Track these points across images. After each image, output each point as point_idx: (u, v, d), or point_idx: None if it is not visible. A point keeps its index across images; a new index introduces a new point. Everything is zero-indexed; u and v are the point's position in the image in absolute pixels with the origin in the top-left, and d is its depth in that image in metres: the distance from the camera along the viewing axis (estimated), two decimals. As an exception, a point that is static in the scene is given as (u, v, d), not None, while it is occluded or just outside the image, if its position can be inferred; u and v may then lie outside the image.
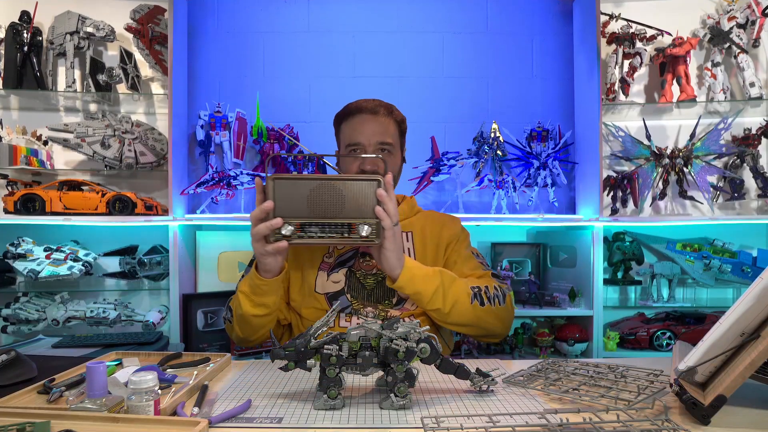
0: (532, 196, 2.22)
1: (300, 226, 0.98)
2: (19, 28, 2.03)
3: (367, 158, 1.27)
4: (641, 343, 2.06)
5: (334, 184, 0.98)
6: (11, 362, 0.89)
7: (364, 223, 0.99)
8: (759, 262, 2.09)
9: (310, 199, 0.98)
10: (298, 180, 0.99)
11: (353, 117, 1.34)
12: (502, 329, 1.24)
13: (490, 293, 1.20)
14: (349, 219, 0.99)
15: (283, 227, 0.97)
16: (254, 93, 2.30)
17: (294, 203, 0.98)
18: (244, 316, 1.15)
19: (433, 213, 1.46)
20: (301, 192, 0.98)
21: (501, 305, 1.20)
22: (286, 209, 0.98)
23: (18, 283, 2.05)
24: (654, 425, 0.65)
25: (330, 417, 0.72)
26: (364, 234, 0.99)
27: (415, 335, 0.77)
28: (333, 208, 0.98)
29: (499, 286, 1.23)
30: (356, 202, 1.00)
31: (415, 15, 2.39)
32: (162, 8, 2.14)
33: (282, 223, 0.98)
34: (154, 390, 0.69)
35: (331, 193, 0.98)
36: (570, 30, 2.38)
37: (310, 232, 0.98)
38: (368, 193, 1.00)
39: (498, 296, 1.21)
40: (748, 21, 2.12)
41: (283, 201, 0.97)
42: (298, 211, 0.98)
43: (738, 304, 0.71)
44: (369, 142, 1.30)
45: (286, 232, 0.97)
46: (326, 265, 1.29)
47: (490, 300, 1.18)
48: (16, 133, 2.06)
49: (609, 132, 2.26)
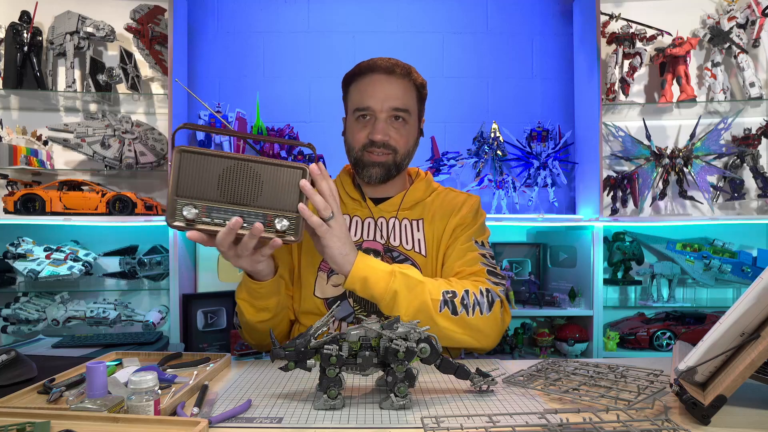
0: (532, 196, 2.22)
1: (206, 210, 0.85)
2: (19, 28, 2.03)
3: (379, 126, 1.10)
4: (641, 343, 2.06)
5: (250, 166, 0.86)
6: (11, 362, 0.89)
7: (281, 216, 0.87)
8: (759, 262, 2.10)
9: (222, 181, 0.85)
10: (210, 156, 0.85)
11: (364, 77, 1.16)
12: (480, 342, 1.03)
13: (469, 300, 1.01)
14: (264, 209, 0.87)
15: (184, 208, 0.84)
16: (254, 93, 2.30)
17: (203, 183, 0.84)
18: (249, 324, 1.06)
19: (451, 193, 1.25)
20: (211, 171, 0.85)
21: (483, 314, 1.02)
22: (192, 189, 0.84)
23: (18, 283, 2.05)
24: (654, 425, 0.65)
25: (330, 417, 0.72)
26: (279, 228, 0.87)
27: (415, 335, 0.77)
28: (248, 194, 0.86)
29: (489, 290, 1.05)
30: (276, 191, 0.87)
31: (415, 15, 2.39)
32: (162, 8, 2.15)
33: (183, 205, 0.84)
34: (154, 390, 0.69)
35: (248, 177, 0.86)
36: (570, 30, 2.38)
37: (217, 218, 0.85)
38: (291, 183, 0.88)
39: (481, 303, 1.02)
40: (748, 21, 2.12)
41: (191, 179, 0.84)
42: (206, 193, 0.85)
43: (738, 304, 0.71)
44: (381, 107, 1.12)
45: (188, 215, 0.84)
46: (326, 265, 1.15)
47: (467, 308, 1.00)
48: (16, 133, 2.06)
49: (609, 132, 2.26)
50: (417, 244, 1.16)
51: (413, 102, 1.17)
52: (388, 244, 1.16)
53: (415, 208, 1.20)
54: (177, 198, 0.84)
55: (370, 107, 1.13)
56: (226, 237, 0.86)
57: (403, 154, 1.17)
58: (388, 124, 1.15)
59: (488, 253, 1.15)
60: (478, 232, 1.18)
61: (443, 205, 1.21)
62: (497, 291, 1.07)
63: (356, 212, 1.20)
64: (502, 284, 1.11)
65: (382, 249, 1.16)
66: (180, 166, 0.84)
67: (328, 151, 2.26)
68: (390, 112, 1.13)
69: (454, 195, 1.24)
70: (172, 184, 0.84)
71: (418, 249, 1.16)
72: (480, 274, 1.10)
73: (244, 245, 0.88)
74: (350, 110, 1.19)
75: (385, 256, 1.15)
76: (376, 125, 1.14)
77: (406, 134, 1.17)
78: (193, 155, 0.84)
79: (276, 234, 0.87)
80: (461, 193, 1.25)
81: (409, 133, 1.18)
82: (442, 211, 1.19)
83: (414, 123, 1.19)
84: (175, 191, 0.84)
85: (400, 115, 1.14)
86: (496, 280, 1.10)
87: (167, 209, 0.85)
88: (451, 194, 1.24)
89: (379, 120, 1.13)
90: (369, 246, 1.16)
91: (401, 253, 1.16)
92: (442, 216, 1.19)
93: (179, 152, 0.84)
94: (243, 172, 0.86)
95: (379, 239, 1.17)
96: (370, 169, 1.16)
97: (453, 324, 0.99)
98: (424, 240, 1.17)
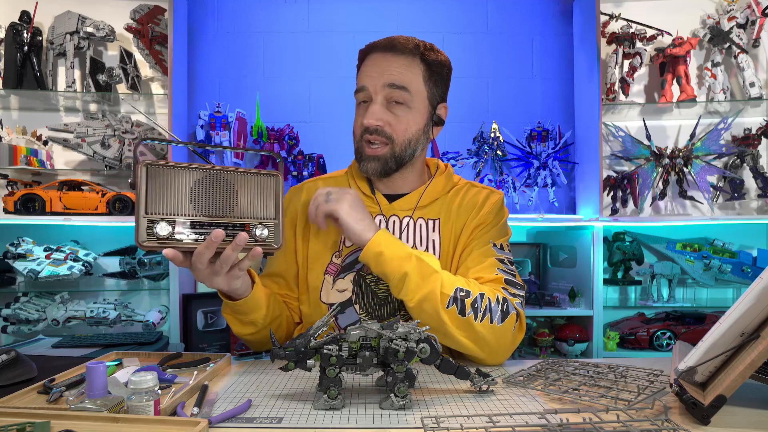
0: (532, 196, 2.22)
1: (180, 225, 0.80)
2: (19, 28, 2.03)
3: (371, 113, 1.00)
4: (641, 343, 2.06)
5: (222, 175, 0.82)
6: (11, 362, 0.89)
7: (259, 224, 0.85)
8: (759, 262, 2.10)
9: (194, 194, 0.81)
10: (178, 168, 0.80)
11: (366, 58, 1.06)
12: (484, 353, 0.95)
13: (482, 304, 0.93)
14: (241, 218, 0.84)
15: (157, 226, 0.78)
16: (254, 93, 2.30)
17: (173, 197, 0.80)
18: (240, 335, 1.03)
19: (472, 189, 1.13)
20: (182, 183, 0.80)
21: (494, 323, 0.93)
22: (162, 204, 0.79)
23: (18, 283, 2.05)
24: (654, 425, 0.65)
25: (330, 417, 0.72)
26: (259, 237, 0.84)
27: (415, 335, 0.77)
28: (223, 206, 0.83)
29: (507, 300, 0.96)
30: (251, 199, 0.84)
31: (415, 15, 2.39)
32: (162, 8, 2.15)
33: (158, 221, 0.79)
34: (154, 390, 0.69)
35: (221, 187, 0.82)
36: (570, 30, 2.38)
37: (193, 234, 0.81)
38: (266, 189, 0.85)
39: (493, 311, 0.94)
40: (748, 21, 2.12)
41: (160, 194, 0.79)
42: (178, 207, 0.80)
43: (738, 304, 0.71)
44: (375, 86, 1.01)
45: (161, 232, 0.78)
46: (333, 268, 1.07)
47: (476, 312, 0.92)
48: (16, 133, 2.06)
49: (609, 132, 2.26)
50: (431, 245, 1.07)
51: (417, 80, 1.03)
52: None
53: (432, 206, 1.10)
54: (146, 215, 0.78)
55: (365, 86, 1.02)
56: (205, 252, 0.80)
57: (402, 143, 1.04)
58: (384, 108, 1.02)
59: (507, 258, 1.05)
60: (498, 234, 1.08)
61: (463, 203, 1.10)
62: (514, 303, 0.98)
63: (368, 209, 1.08)
64: (520, 296, 1.01)
65: None
66: (147, 181, 0.78)
67: (328, 151, 2.27)
68: (386, 92, 1.01)
69: (476, 191, 1.12)
70: (139, 202, 0.78)
71: (432, 251, 1.07)
72: (498, 282, 1.00)
73: (225, 259, 0.83)
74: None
75: None
76: (369, 108, 1.02)
77: (407, 120, 1.03)
78: (160, 169, 0.79)
79: (256, 243, 0.84)
80: (484, 189, 1.14)
81: (412, 119, 1.04)
82: (462, 209, 1.09)
83: (420, 107, 1.05)
84: (144, 209, 0.78)
85: (398, 96, 1.01)
86: (515, 291, 1.01)
87: (136, 229, 0.78)
88: (473, 190, 1.13)
89: (374, 102, 1.02)
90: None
91: None
92: (461, 214, 1.09)
93: (145, 167, 0.78)
94: (215, 183, 0.82)
95: None
96: (366, 164, 1.06)
97: (458, 325, 0.93)
98: (439, 241, 1.07)
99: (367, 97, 1.04)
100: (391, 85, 1.01)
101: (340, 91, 2.33)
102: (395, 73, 1.01)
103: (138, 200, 0.78)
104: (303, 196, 1.15)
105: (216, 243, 0.80)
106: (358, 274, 1.06)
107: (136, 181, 0.78)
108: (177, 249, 0.80)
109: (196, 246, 0.81)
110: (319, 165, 2.23)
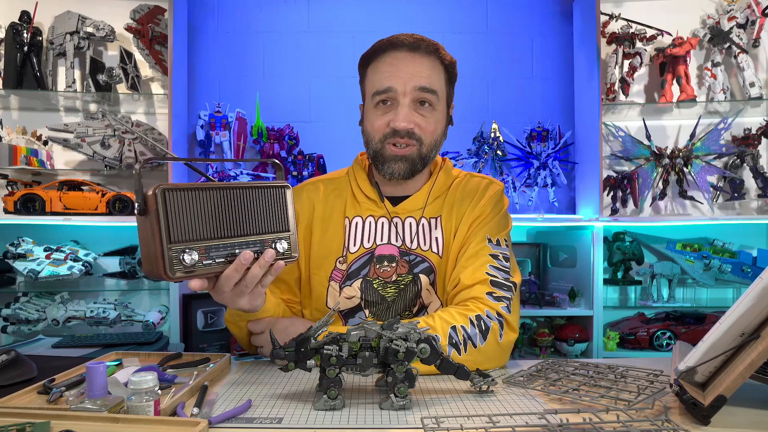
0: (532, 196, 2.22)
1: (205, 251, 0.74)
2: (19, 28, 2.03)
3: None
4: (641, 343, 2.06)
5: (237, 193, 0.78)
6: (11, 362, 0.89)
7: (278, 238, 0.82)
8: (759, 262, 2.10)
9: (214, 214, 0.76)
10: (196, 190, 0.74)
11: (384, 55, 1.01)
12: (485, 366, 0.93)
13: (458, 336, 0.90)
14: (262, 236, 0.81)
15: (183, 254, 0.72)
16: (254, 93, 2.30)
17: (194, 221, 0.74)
18: (243, 341, 1.04)
19: (472, 180, 1.11)
20: (200, 205, 0.75)
21: (478, 346, 0.91)
22: (184, 231, 0.73)
23: (18, 283, 2.05)
24: (654, 425, 0.65)
25: (330, 417, 0.72)
26: (281, 250, 0.82)
27: (415, 335, 0.77)
28: (242, 224, 0.79)
29: (480, 316, 0.93)
30: (267, 213, 0.81)
31: (415, 15, 2.39)
32: (162, 8, 2.15)
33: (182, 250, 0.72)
34: (154, 390, 0.69)
35: (237, 205, 0.78)
36: (570, 30, 2.38)
37: (219, 257, 0.76)
38: (278, 202, 0.83)
39: (473, 335, 0.91)
40: (748, 21, 2.12)
41: (180, 219, 0.72)
42: (200, 231, 0.74)
43: (738, 304, 0.71)
44: (404, 88, 0.98)
45: (189, 261, 0.72)
46: (338, 274, 1.07)
47: (457, 347, 0.91)
48: (16, 133, 2.06)
49: (609, 132, 2.26)
50: (434, 242, 1.06)
51: (441, 83, 1.03)
52: (404, 247, 1.07)
53: (434, 203, 1.09)
54: (171, 245, 0.71)
55: (392, 88, 0.99)
56: (233, 275, 0.77)
57: (429, 145, 1.04)
58: (412, 110, 1.00)
59: (502, 254, 1.02)
60: (496, 228, 1.05)
61: (462, 194, 1.09)
62: (496, 311, 0.95)
63: (370, 212, 1.10)
64: (506, 298, 0.97)
65: (397, 253, 1.07)
66: (166, 207, 0.71)
67: (328, 151, 2.27)
68: (415, 94, 0.99)
69: (476, 182, 1.10)
70: (160, 232, 0.71)
71: (435, 249, 1.06)
72: (483, 284, 0.98)
73: (252, 279, 0.80)
74: (368, 95, 1.04)
75: (401, 260, 1.07)
76: (399, 111, 0.99)
77: (434, 121, 1.02)
78: (177, 193, 0.73)
79: (277, 257, 0.82)
80: (483, 179, 1.11)
81: (438, 121, 1.03)
82: (460, 201, 1.08)
83: (442, 108, 1.05)
84: (168, 238, 0.71)
85: (427, 98, 1.00)
86: (501, 293, 0.97)
87: (163, 262, 0.71)
88: (472, 181, 1.11)
89: (402, 105, 0.99)
90: (382, 252, 1.07)
91: (418, 255, 1.07)
92: (460, 205, 1.08)
93: (162, 192, 0.70)
94: (232, 201, 0.78)
95: (395, 242, 1.08)
96: (392, 165, 1.03)
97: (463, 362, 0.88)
98: (442, 237, 1.06)
99: (391, 98, 1.01)
100: (423, 88, 0.99)
101: (340, 91, 2.33)
102: (425, 76, 1.00)
103: (157, 229, 0.71)
104: (303, 196, 1.15)
105: (246, 265, 0.77)
106: (365, 279, 1.06)
107: (150, 208, 0.71)
108: (204, 275, 0.76)
109: (223, 269, 0.77)
110: (319, 165, 2.23)
